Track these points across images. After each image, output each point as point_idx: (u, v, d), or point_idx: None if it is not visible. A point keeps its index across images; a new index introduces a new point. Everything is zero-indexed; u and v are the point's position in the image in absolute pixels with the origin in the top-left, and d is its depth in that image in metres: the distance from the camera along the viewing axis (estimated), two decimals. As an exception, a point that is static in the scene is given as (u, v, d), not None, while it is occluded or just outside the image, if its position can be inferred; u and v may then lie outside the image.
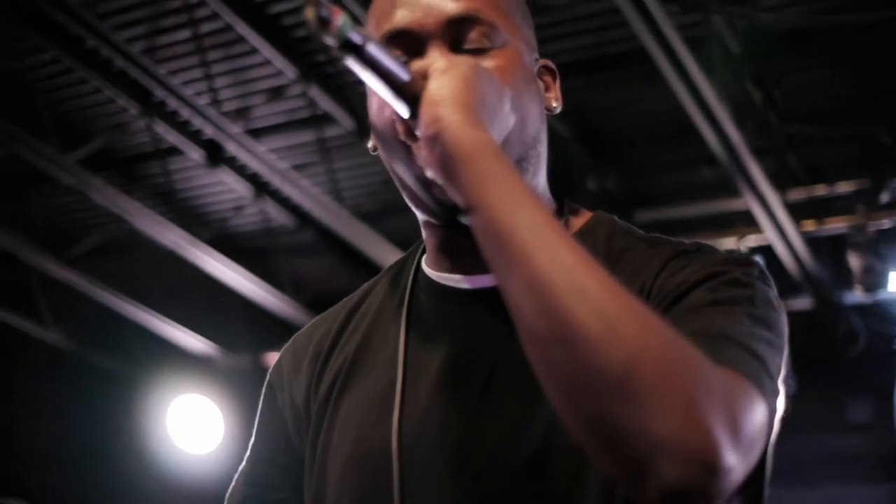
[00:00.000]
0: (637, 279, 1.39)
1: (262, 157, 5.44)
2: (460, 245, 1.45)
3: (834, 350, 6.29)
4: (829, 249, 5.90)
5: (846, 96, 5.38)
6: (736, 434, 1.10)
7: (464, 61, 1.34)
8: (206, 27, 5.02)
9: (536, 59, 1.52)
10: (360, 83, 1.33)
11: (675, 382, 1.09)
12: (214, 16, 4.91)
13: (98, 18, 4.83)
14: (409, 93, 1.29)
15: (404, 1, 1.43)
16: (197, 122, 5.26)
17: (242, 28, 4.90)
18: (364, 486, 1.43)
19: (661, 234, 4.41)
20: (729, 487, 1.11)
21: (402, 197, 1.51)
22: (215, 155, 5.73)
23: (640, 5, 4.09)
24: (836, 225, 5.66)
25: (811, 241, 5.74)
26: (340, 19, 1.20)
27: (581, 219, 1.57)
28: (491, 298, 1.33)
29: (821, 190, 5.68)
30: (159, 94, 5.07)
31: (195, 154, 5.75)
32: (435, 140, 1.24)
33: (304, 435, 1.56)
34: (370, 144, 1.50)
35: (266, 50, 5.06)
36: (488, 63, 1.40)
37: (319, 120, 5.57)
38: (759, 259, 5.37)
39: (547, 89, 1.54)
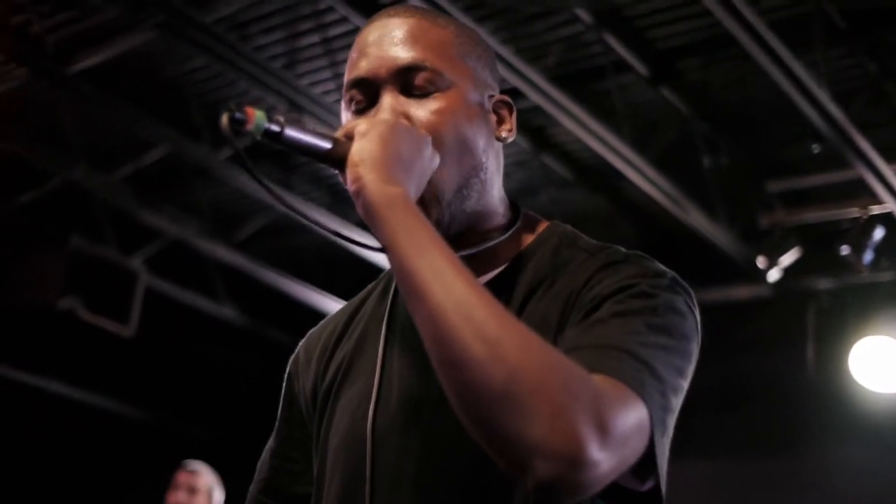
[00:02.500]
0: (569, 288, 1.59)
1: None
2: None
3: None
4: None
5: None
6: (603, 433, 1.30)
7: (381, 121, 1.55)
8: (335, 31, 5.39)
9: (491, 96, 1.72)
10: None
11: (546, 393, 1.29)
12: (344, 19, 5.27)
13: (235, 29, 5.27)
14: (338, 155, 1.51)
15: (366, 53, 1.65)
16: (331, 120, 5.64)
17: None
18: (349, 467, 1.70)
19: (788, 204, 5.48)
20: (599, 479, 1.32)
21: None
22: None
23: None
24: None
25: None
26: (255, 116, 1.42)
27: (534, 231, 1.75)
28: None
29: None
30: (292, 95, 5.46)
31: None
32: (357, 195, 1.46)
33: (313, 420, 1.84)
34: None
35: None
36: (429, 106, 1.62)
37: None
38: (878, 228, 5.45)
39: (501, 121, 1.73)
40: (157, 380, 8.32)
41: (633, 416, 1.37)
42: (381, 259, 6.64)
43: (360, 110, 1.64)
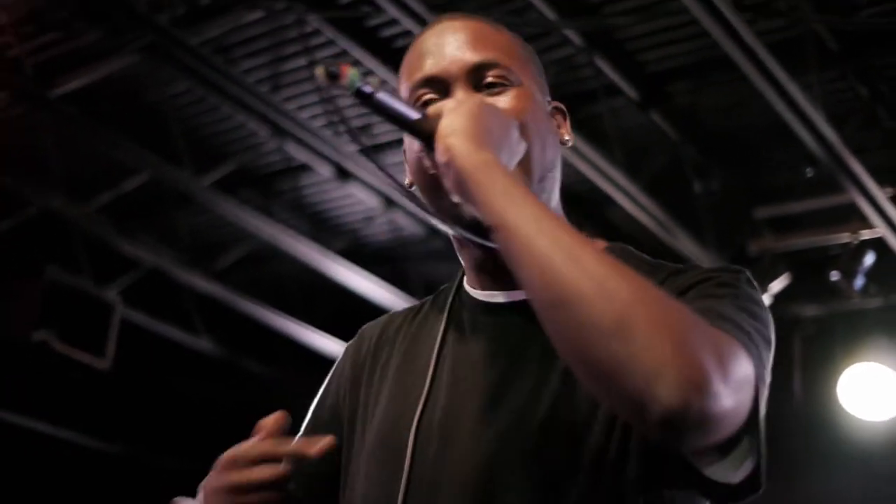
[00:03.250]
0: None
1: (379, 173, 5.69)
2: (494, 263, 1.63)
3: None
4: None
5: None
6: (723, 369, 1.29)
7: (470, 98, 1.59)
8: (321, 54, 5.31)
9: (549, 101, 1.75)
10: None
11: (664, 326, 1.28)
12: (330, 42, 5.20)
13: (220, 52, 5.18)
14: (426, 131, 1.52)
15: (432, 52, 1.67)
16: (317, 145, 5.55)
17: (357, 52, 5.16)
18: (386, 468, 1.63)
19: (777, 230, 5.37)
20: (720, 416, 1.29)
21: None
22: (344, 169, 6.05)
23: (718, 15, 4.20)
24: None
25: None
26: (349, 73, 1.43)
27: (596, 244, 1.71)
28: (524, 310, 1.50)
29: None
30: (278, 119, 5.37)
31: (324, 170, 6.10)
32: (448, 166, 1.47)
33: (344, 405, 1.80)
34: (407, 181, 1.71)
35: (381, 71, 5.32)
36: (505, 98, 1.63)
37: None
38: (868, 253, 5.46)
39: (559, 126, 1.76)
40: (132, 413, 8.16)
41: (745, 368, 1.35)
42: (363, 289, 6.59)
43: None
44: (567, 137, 1.76)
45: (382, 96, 1.48)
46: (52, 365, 6.42)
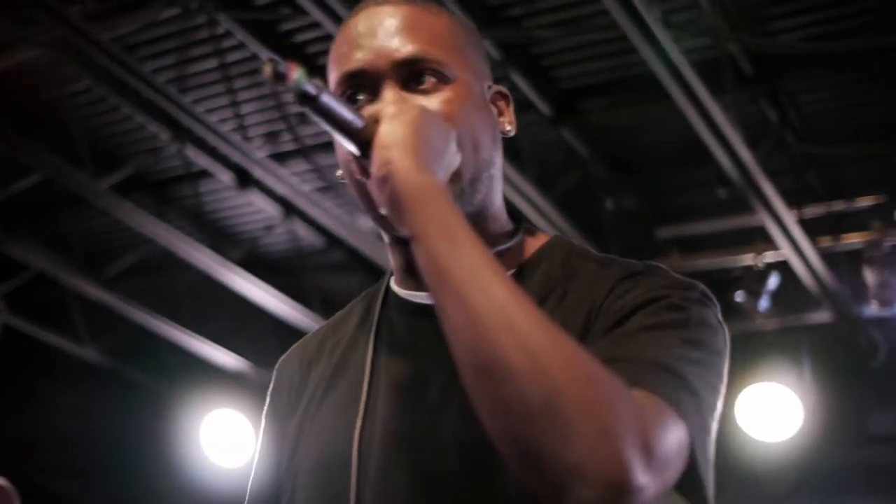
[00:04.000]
0: (588, 299, 1.50)
1: (287, 180, 5.58)
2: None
3: (854, 363, 6.38)
4: (847, 264, 5.97)
5: (861, 115, 5.48)
6: (648, 456, 1.22)
7: (412, 107, 1.46)
8: (232, 56, 5.17)
9: (489, 87, 1.63)
10: None
11: (591, 412, 1.20)
12: (241, 45, 5.06)
13: (128, 50, 5.00)
14: (363, 137, 1.42)
15: (359, 44, 1.55)
16: (224, 148, 5.39)
17: (267, 56, 5.04)
18: (330, 489, 1.54)
19: (683, 250, 4.58)
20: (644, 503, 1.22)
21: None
22: (245, 177, 5.90)
23: (647, 32, 4.19)
24: (853, 241, 5.73)
25: (829, 256, 5.81)
26: (296, 73, 1.32)
27: (538, 241, 1.66)
28: None
29: (838, 206, 5.77)
30: (187, 122, 5.20)
31: (225, 177, 5.94)
32: (385, 181, 1.36)
33: (284, 441, 1.69)
34: (339, 173, 1.62)
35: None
36: (438, 98, 1.52)
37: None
38: (773, 275, 5.52)
39: (500, 114, 1.65)
40: (12, 422, 7.83)
41: (674, 436, 1.30)
42: (260, 299, 6.43)
43: (359, 108, 1.50)
44: (508, 127, 1.65)
45: (326, 99, 1.38)
46: None
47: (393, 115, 1.42)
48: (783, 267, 5.83)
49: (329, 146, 5.77)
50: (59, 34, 4.45)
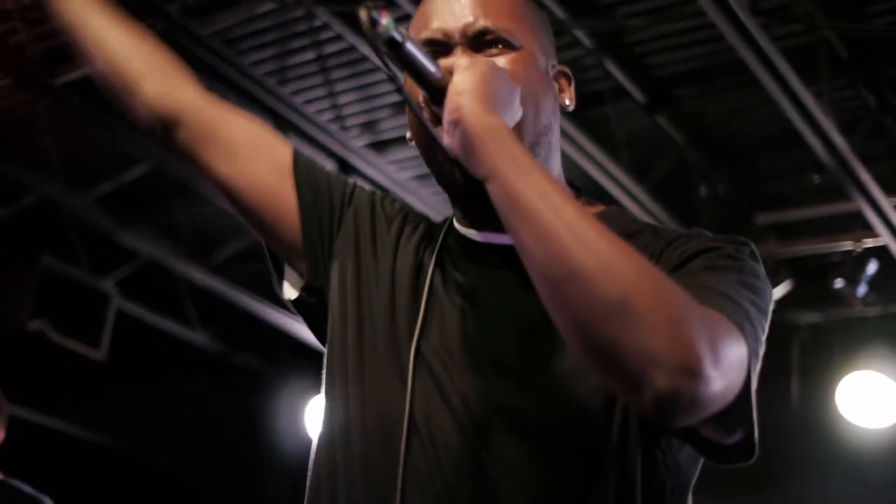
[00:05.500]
0: (646, 252, 1.56)
1: (383, 168, 5.68)
2: (481, 209, 1.63)
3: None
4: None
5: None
6: (715, 353, 1.33)
7: (483, 60, 1.60)
8: (329, 48, 5.28)
9: (553, 65, 1.76)
10: None
11: (663, 309, 1.32)
12: (338, 37, 5.17)
13: (229, 44, 5.15)
14: (438, 86, 1.54)
15: (435, 14, 1.69)
16: (322, 138, 5.52)
17: (366, 48, 5.13)
18: (385, 409, 1.62)
19: (780, 236, 5.28)
20: (711, 397, 1.34)
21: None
22: (346, 165, 6.02)
23: (734, 19, 4.19)
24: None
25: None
26: (385, 21, 1.45)
27: (595, 208, 1.77)
28: (505, 253, 1.61)
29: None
30: (286, 112, 5.33)
31: (327, 164, 6.06)
32: (456, 124, 1.47)
33: (323, 259, 1.80)
34: (408, 135, 1.74)
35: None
36: (503, 61, 1.64)
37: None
38: (872, 261, 5.46)
39: (562, 90, 1.77)
40: (126, 405, 8.11)
41: (737, 349, 1.39)
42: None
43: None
44: (568, 102, 1.77)
45: (410, 47, 1.50)
46: (47, 354, 6.38)
47: (465, 66, 1.55)
48: (884, 253, 5.75)
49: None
50: (160, 30, 4.60)
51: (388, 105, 5.68)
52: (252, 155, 1.81)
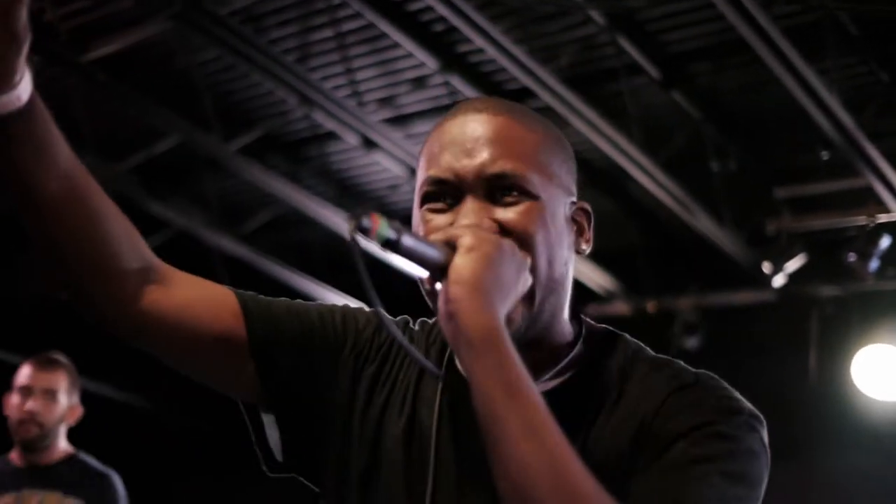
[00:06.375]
0: (639, 412, 1.52)
1: (400, 143, 5.81)
2: None
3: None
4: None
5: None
6: None
7: (488, 240, 1.45)
8: (348, 25, 5.41)
9: (573, 203, 1.63)
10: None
11: None
12: (357, 14, 5.29)
13: (251, 21, 5.29)
14: (439, 266, 1.44)
15: (450, 150, 1.56)
16: (339, 114, 5.65)
17: (385, 25, 5.26)
18: None
19: (795, 211, 5.39)
20: None
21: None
22: (369, 139, 6.15)
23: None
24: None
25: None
26: (379, 224, 1.37)
27: (595, 341, 1.66)
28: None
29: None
30: (304, 89, 5.46)
31: (351, 138, 6.20)
32: (451, 317, 1.39)
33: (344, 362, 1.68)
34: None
35: (408, 44, 5.41)
36: (517, 210, 1.53)
37: (462, 106, 5.88)
38: (884, 236, 5.46)
39: (580, 231, 1.64)
40: (158, 369, 8.32)
41: None
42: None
43: (439, 210, 1.55)
44: (584, 247, 1.64)
45: (407, 241, 1.41)
46: (80, 322, 6.57)
47: (469, 247, 1.43)
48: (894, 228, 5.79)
49: (447, 109, 5.98)
50: (181, 9, 4.75)
51: (406, 81, 5.81)
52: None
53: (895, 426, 6.43)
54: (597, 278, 6.95)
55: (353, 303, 1.81)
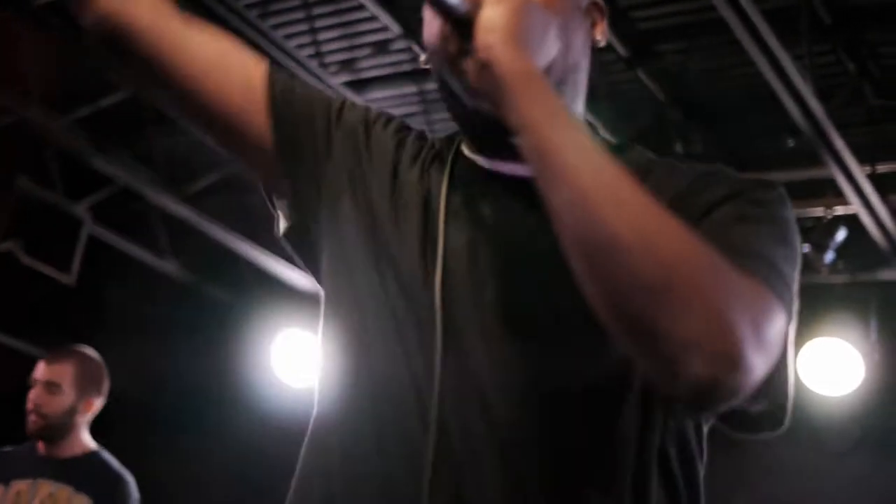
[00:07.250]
0: (667, 192, 1.45)
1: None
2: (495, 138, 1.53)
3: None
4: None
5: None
6: (758, 336, 1.26)
7: None
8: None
9: None
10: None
11: (705, 289, 1.25)
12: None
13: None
14: (464, 19, 1.41)
15: None
16: (301, 74, 5.50)
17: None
18: (412, 325, 1.49)
19: None
20: (751, 384, 1.26)
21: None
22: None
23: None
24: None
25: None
26: None
27: (609, 145, 1.66)
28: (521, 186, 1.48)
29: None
30: (266, 46, 5.30)
31: (305, 102, 6.05)
32: (486, 66, 1.36)
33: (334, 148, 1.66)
34: (422, 59, 1.61)
35: (372, 6, 5.27)
36: None
37: (422, 73, 5.77)
38: (841, 229, 5.47)
39: (594, 25, 1.67)
40: (92, 331, 8.10)
41: (778, 323, 1.32)
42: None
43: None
44: (599, 37, 1.67)
45: None
46: (16, 276, 6.36)
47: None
48: (854, 222, 5.78)
49: (410, 75, 5.89)
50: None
51: (368, 44, 5.66)
52: (217, 77, 1.63)
53: (837, 422, 6.44)
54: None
55: (301, 279, 1.71)
